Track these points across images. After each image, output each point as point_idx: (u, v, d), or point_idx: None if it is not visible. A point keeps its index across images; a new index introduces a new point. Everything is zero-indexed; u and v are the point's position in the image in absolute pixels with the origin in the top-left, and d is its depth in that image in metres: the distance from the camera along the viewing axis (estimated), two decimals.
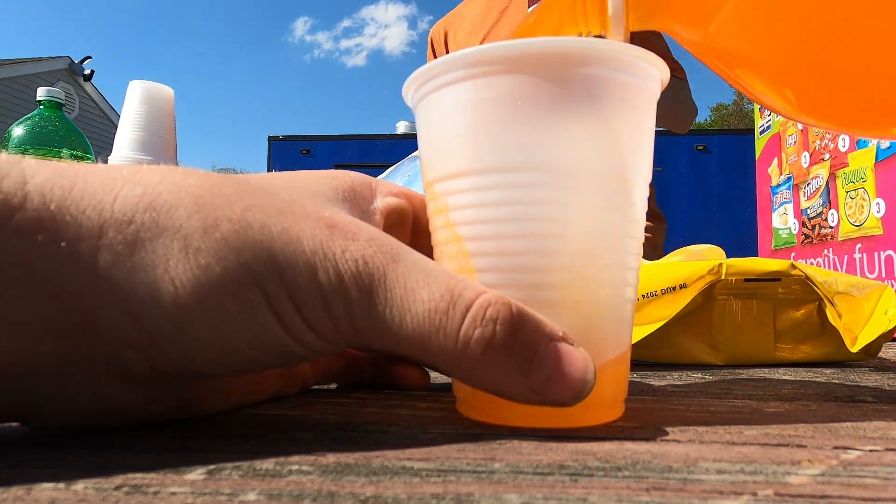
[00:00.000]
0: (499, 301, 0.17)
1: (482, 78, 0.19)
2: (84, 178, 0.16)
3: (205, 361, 0.16)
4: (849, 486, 0.13)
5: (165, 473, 0.14)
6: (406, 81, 0.21)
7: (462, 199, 0.19)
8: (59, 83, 7.16)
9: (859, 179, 0.56)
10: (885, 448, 0.16)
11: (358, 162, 3.92)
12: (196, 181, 0.16)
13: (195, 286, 0.15)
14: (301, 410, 0.21)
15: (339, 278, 0.16)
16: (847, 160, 0.58)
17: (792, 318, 0.35)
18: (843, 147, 0.59)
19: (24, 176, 0.15)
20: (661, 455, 0.15)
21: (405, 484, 0.13)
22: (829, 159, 0.61)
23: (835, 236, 0.59)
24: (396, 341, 0.17)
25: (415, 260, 0.17)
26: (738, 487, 0.13)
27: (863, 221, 0.55)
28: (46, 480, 0.13)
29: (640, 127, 0.20)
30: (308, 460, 0.15)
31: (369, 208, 0.22)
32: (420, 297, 0.16)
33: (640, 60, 0.19)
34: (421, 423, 0.19)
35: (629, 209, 0.20)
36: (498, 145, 0.19)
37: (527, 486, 0.13)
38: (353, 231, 0.17)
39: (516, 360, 0.16)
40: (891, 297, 0.36)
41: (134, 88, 0.56)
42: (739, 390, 0.26)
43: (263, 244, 0.16)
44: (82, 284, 0.15)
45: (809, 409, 0.22)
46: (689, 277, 0.34)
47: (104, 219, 0.15)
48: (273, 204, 0.17)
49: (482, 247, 0.19)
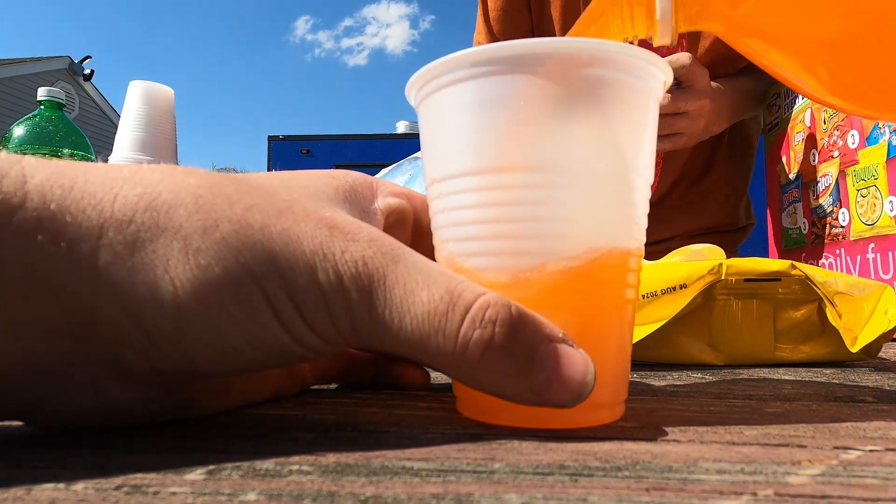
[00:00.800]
0: (498, 302, 0.16)
1: (485, 78, 0.19)
2: (84, 178, 0.16)
3: (205, 361, 0.16)
4: (849, 486, 0.13)
5: (165, 473, 0.14)
6: (409, 81, 0.21)
7: (463, 199, 0.19)
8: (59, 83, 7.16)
9: (871, 177, 0.55)
10: (885, 448, 0.16)
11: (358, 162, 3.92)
12: (196, 181, 0.16)
13: (195, 286, 0.15)
14: (301, 410, 0.21)
15: (338, 279, 0.16)
16: (857, 157, 0.57)
17: (792, 318, 0.35)
18: (852, 144, 0.58)
19: (24, 175, 0.15)
20: (661, 455, 0.15)
21: (405, 484, 0.13)
22: (838, 157, 0.60)
23: (846, 236, 0.58)
24: (396, 342, 0.17)
25: (415, 261, 0.17)
26: (738, 487, 0.13)
27: (875, 220, 0.54)
28: (46, 480, 0.13)
29: (642, 128, 0.20)
30: (308, 460, 0.15)
31: (370, 208, 0.22)
32: (420, 298, 0.16)
33: (641, 61, 0.19)
34: (421, 423, 0.19)
35: (630, 210, 0.20)
36: (499, 146, 0.19)
37: (527, 486, 0.13)
38: (354, 232, 0.17)
39: (515, 361, 0.16)
40: (891, 297, 0.36)
41: (134, 88, 0.56)
42: (739, 390, 0.26)
43: (263, 244, 0.16)
44: (82, 284, 0.15)
45: (809, 409, 0.22)
46: (689, 277, 0.34)
47: (104, 218, 0.15)
48: (273, 204, 0.17)
49: (483, 247, 0.19)
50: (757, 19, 0.23)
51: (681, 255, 0.40)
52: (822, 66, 0.23)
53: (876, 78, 0.22)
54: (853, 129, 0.58)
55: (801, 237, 0.68)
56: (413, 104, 0.22)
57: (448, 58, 0.19)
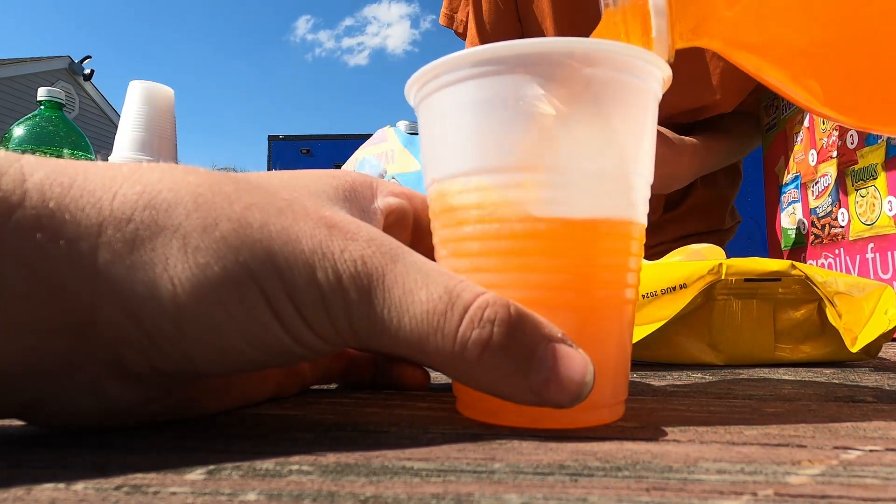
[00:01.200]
0: (497, 302, 0.16)
1: (484, 78, 0.19)
2: (83, 176, 0.15)
3: (204, 361, 0.16)
4: (849, 486, 0.13)
5: (165, 473, 0.14)
6: (408, 81, 0.21)
7: (463, 198, 0.19)
8: (59, 83, 7.16)
9: (869, 177, 0.55)
10: (885, 448, 0.16)
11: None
12: (196, 179, 0.16)
13: (194, 285, 0.15)
14: (301, 410, 0.21)
15: (337, 278, 0.16)
16: (856, 157, 0.57)
17: (792, 318, 0.35)
18: (851, 144, 0.58)
19: (23, 173, 0.15)
20: (661, 455, 0.15)
21: (405, 484, 0.13)
22: (836, 157, 0.60)
23: (846, 236, 0.58)
24: (395, 342, 0.17)
25: (414, 260, 0.17)
26: (738, 487, 0.13)
27: (874, 220, 0.54)
28: (46, 480, 0.13)
29: (642, 127, 0.20)
30: (308, 460, 0.15)
31: (370, 208, 0.22)
32: (418, 297, 0.16)
33: (640, 61, 0.19)
34: (421, 423, 0.19)
35: (629, 209, 0.20)
36: (499, 145, 0.19)
37: (527, 486, 0.13)
38: (353, 231, 0.17)
39: (514, 361, 0.16)
40: (891, 297, 0.36)
41: (134, 88, 0.56)
42: (739, 390, 0.26)
43: (263, 243, 0.16)
44: (81, 283, 0.15)
45: (809, 409, 0.22)
46: (689, 277, 0.34)
47: (103, 217, 0.15)
48: (273, 203, 0.17)
49: (483, 247, 0.19)
50: (752, 34, 0.23)
51: (681, 255, 0.40)
52: (816, 79, 0.23)
53: (869, 90, 0.22)
54: (852, 129, 0.58)
55: (800, 237, 0.68)
56: (413, 104, 0.22)
57: (448, 58, 0.19)
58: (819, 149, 0.64)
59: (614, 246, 0.19)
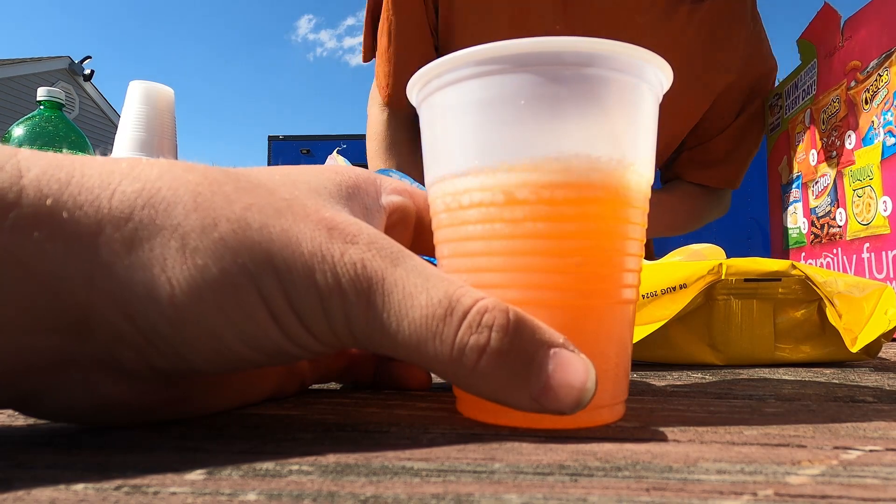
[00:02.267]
0: (496, 307, 0.16)
1: (486, 77, 0.19)
2: (81, 171, 0.15)
3: (201, 360, 0.16)
4: (849, 486, 0.13)
5: (165, 473, 0.14)
6: (410, 80, 0.21)
7: (464, 198, 0.19)
8: (59, 83, 7.16)
9: (866, 177, 0.55)
10: (885, 448, 0.16)
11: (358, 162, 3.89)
12: (195, 178, 0.16)
13: (192, 286, 0.15)
14: (301, 410, 0.21)
15: (336, 281, 0.16)
16: (854, 158, 0.57)
17: (792, 318, 0.35)
18: (849, 144, 0.58)
19: (20, 169, 0.15)
20: (661, 455, 0.15)
21: (405, 484, 0.13)
22: (835, 157, 0.60)
23: (843, 236, 0.58)
24: (393, 346, 0.16)
25: (414, 264, 0.17)
26: (738, 487, 0.13)
27: (870, 220, 0.54)
28: (46, 480, 0.13)
29: (641, 127, 0.20)
30: (308, 460, 0.15)
31: (373, 206, 0.22)
32: (418, 302, 0.16)
33: (641, 61, 0.19)
34: (421, 423, 0.19)
35: (629, 210, 0.20)
36: (500, 144, 0.19)
37: (527, 486, 0.13)
38: (353, 233, 0.17)
39: (513, 367, 0.16)
40: (891, 297, 0.36)
41: (134, 88, 0.56)
42: (739, 390, 0.26)
43: (262, 245, 0.16)
44: (78, 283, 0.15)
45: (809, 409, 0.22)
46: (689, 277, 0.34)
47: (102, 215, 0.15)
48: (272, 203, 0.17)
49: (483, 246, 0.19)
50: None
51: (681, 255, 0.40)
52: None
53: None
54: (850, 129, 0.58)
55: (801, 237, 0.68)
56: (414, 103, 0.22)
57: (450, 57, 0.19)
58: (819, 149, 0.64)
59: (615, 246, 0.19)
